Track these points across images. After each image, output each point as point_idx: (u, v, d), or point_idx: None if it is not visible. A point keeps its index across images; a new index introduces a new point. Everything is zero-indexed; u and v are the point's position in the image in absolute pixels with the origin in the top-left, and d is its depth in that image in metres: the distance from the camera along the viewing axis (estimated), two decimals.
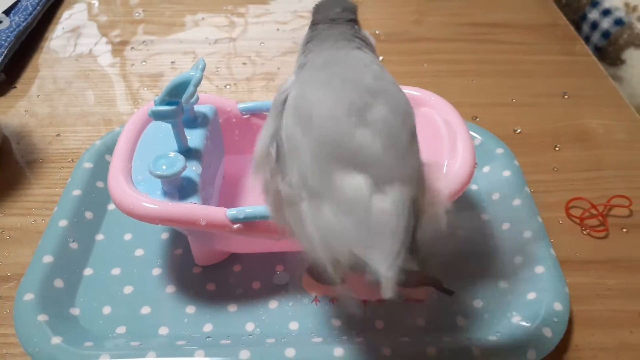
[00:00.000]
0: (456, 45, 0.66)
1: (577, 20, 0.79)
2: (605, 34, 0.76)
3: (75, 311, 0.37)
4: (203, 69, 0.33)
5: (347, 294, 0.28)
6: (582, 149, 0.51)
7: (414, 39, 0.66)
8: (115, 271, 0.39)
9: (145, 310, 0.37)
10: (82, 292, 0.38)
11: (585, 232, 0.43)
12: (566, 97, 0.57)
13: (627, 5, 0.76)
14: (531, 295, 0.37)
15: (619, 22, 0.75)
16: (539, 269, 0.38)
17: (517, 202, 0.42)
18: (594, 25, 0.78)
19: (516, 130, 0.53)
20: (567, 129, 0.53)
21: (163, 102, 0.33)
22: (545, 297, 0.36)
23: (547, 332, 0.34)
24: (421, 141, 0.39)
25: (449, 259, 0.39)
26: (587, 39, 0.77)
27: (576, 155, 0.50)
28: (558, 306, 0.36)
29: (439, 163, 0.36)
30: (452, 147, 0.36)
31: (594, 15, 0.78)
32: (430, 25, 0.69)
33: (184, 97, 0.32)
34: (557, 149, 0.51)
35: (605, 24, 0.76)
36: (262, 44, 0.65)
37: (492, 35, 0.67)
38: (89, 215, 0.42)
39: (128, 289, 0.38)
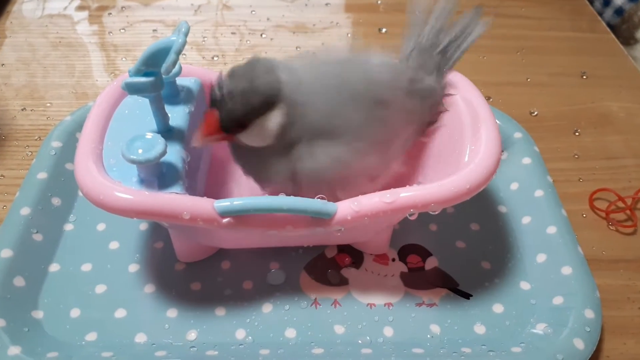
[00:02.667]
0: None
1: None
2: (619, 11, 0.72)
3: (38, 314, 0.32)
4: (186, 34, 0.28)
5: None
6: (604, 134, 0.47)
7: None
8: (86, 267, 0.35)
9: (120, 313, 0.32)
10: (47, 292, 0.33)
11: (612, 228, 0.39)
12: (584, 77, 0.53)
13: None
14: (557, 300, 0.33)
15: None
16: (566, 270, 0.34)
17: (539, 192, 0.38)
18: (607, 2, 0.73)
19: (532, 113, 0.48)
20: (587, 111, 0.49)
21: (139, 72, 0.28)
22: (574, 302, 0.32)
23: (579, 344, 0.30)
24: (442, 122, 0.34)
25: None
26: (598, 16, 0.72)
27: (598, 141, 0.46)
28: (590, 313, 0.31)
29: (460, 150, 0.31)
30: (474, 131, 0.32)
31: None
32: None
33: (164, 66, 0.27)
34: (577, 133, 0.47)
35: (619, 0, 0.72)
36: (253, 12, 0.59)
37: (500, 9, 0.62)
38: (56, 201, 0.37)
39: (100, 288, 0.34)
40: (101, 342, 0.31)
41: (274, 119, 0.28)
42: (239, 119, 0.28)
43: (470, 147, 0.31)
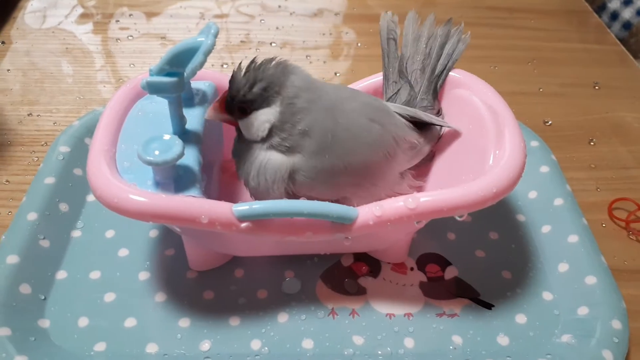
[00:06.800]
0: (474, 29, 0.59)
1: (596, 10, 0.74)
2: (627, 25, 0.72)
3: (45, 323, 0.31)
4: (216, 35, 0.27)
5: None
6: (619, 145, 0.46)
7: None
8: (95, 275, 0.33)
9: (130, 322, 0.31)
10: (54, 300, 0.32)
11: (632, 238, 0.38)
12: (597, 87, 0.52)
13: None
14: (582, 310, 0.32)
15: None
16: (590, 280, 0.33)
17: (558, 201, 0.37)
18: (614, 16, 0.73)
19: (546, 122, 0.48)
20: (601, 122, 0.48)
21: (162, 72, 0.27)
22: (600, 312, 0.31)
23: (608, 355, 0.29)
24: (461, 127, 0.33)
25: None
26: (607, 28, 0.72)
27: (614, 152, 0.45)
28: (617, 324, 0.30)
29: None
30: (498, 135, 0.31)
31: (614, 4, 0.73)
32: (443, 8, 0.63)
33: (190, 67, 0.26)
34: (592, 143, 0.46)
35: (627, 14, 0.72)
36: (262, 21, 0.59)
37: (509, 20, 0.62)
38: (63, 207, 0.36)
39: (109, 297, 0.32)
40: (110, 353, 0.30)
41: (265, 116, 0.29)
42: (240, 104, 0.29)
43: (494, 151, 0.30)
